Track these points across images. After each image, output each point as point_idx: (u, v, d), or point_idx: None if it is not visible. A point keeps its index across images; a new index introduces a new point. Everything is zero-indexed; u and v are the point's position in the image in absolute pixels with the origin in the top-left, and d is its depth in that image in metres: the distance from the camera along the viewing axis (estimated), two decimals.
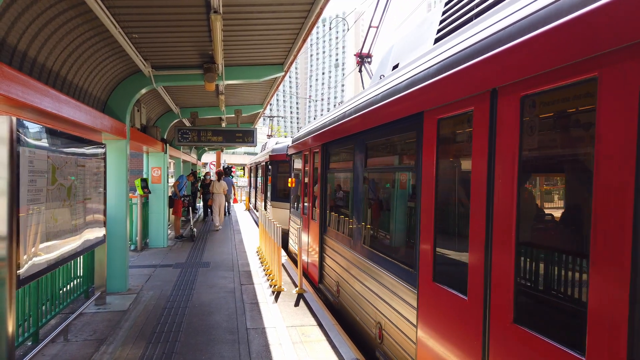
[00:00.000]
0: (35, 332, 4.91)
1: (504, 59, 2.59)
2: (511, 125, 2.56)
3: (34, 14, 4.34)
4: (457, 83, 3.07)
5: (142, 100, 9.68)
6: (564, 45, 2.14)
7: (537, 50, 2.31)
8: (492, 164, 2.72)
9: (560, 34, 2.16)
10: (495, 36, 2.72)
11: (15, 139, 3.82)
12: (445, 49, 3.43)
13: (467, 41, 3.08)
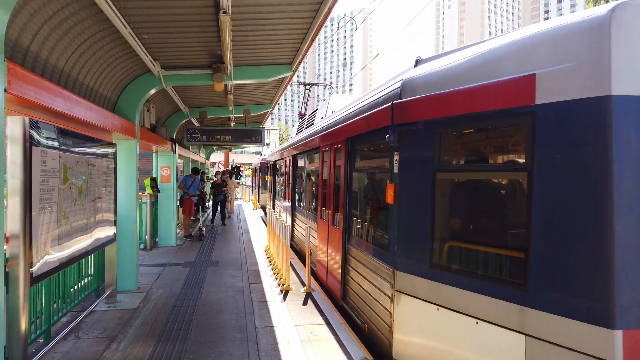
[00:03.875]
0: (47, 330, 4.97)
1: (348, 127, 5.96)
2: (349, 153, 6.19)
3: (46, 16, 4.40)
4: (337, 132, 6.53)
5: (152, 100, 9.75)
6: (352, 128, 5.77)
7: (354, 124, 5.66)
8: (348, 170, 6.21)
9: (362, 120, 5.28)
10: (346, 115, 6.35)
11: (28, 139, 3.88)
12: (336, 117, 7.11)
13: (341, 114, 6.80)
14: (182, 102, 11.04)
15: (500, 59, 3.39)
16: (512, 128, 3.41)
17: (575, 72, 2.89)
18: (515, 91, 3.17)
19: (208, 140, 13.57)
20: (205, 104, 12.11)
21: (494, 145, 3.78)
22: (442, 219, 3.91)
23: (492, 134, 3.69)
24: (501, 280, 3.33)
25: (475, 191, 3.84)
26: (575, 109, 2.87)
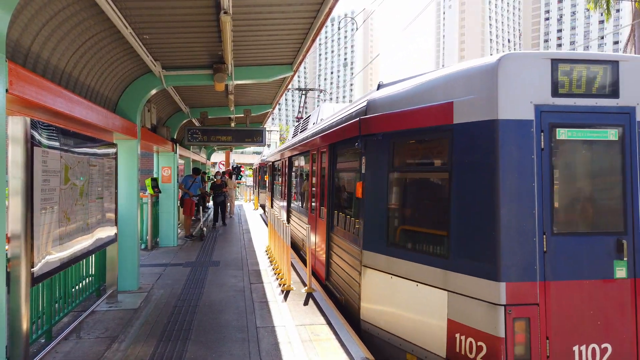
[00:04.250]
0: (49, 330, 4.98)
1: (330, 135, 6.95)
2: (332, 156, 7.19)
3: (47, 16, 4.40)
4: (324, 137, 7.45)
5: (153, 100, 9.75)
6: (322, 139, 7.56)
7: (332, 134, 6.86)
8: (334, 169, 7.07)
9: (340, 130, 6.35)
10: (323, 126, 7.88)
11: (29, 139, 3.88)
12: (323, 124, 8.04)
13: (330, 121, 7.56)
14: (183, 103, 11.04)
15: (432, 89, 4.55)
16: (439, 140, 4.50)
17: (477, 102, 4.03)
18: (441, 113, 4.31)
19: (209, 141, 13.57)
20: (206, 104, 12.12)
21: (428, 152, 4.89)
22: (395, 208, 5.10)
23: (427, 143, 4.83)
24: (432, 253, 4.48)
25: (416, 187, 5.01)
26: (477, 127, 4.02)
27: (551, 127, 3.92)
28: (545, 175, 3.88)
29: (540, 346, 3.76)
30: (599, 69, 4.01)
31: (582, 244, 3.92)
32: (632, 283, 3.89)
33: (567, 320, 3.83)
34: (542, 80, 3.95)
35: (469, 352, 3.92)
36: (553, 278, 3.83)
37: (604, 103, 3.99)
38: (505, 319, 3.73)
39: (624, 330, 3.86)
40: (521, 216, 3.84)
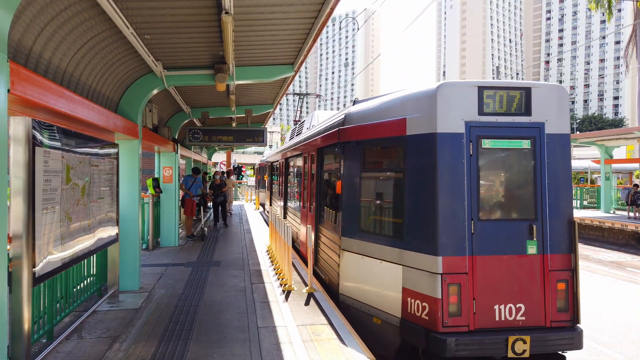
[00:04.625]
0: (50, 330, 4.99)
1: (318, 140, 7.92)
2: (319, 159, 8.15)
3: (49, 17, 4.40)
4: (313, 143, 8.33)
5: (154, 101, 9.76)
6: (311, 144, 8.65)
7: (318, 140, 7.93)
8: (321, 170, 8.06)
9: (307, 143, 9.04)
10: (307, 134, 9.56)
11: (31, 139, 3.89)
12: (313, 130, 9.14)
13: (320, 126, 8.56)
14: (184, 103, 11.05)
15: (393, 106, 5.72)
16: (397, 147, 5.60)
17: (422, 118, 5.18)
18: (398, 126, 5.44)
19: (210, 141, 13.58)
20: (207, 104, 12.12)
21: (389, 156, 6.05)
22: (365, 202, 6.21)
23: (388, 150, 5.99)
24: (391, 236, 5.60)
25: (381, 184, 6.16)
26: (422, 138, 5.16)
27: (478, 138, 5.06)
28: (473, 175, 5.01)
29: (469, 305, 4.85)
30: (516, 94, 5.18)
31: (501, 227, 5.05)
32: (540, 258, 5.01)
33: (490, 285, 4.90)
34: (471, 102, 5.08)
35: (417, 311, 5.03)
36: (479, 253, 4.93)
37: (520, 120, 5.16)
38: (441, 285, 4.83)
39: (534, 293, 4.95)
40: (454, 206, 4.95)
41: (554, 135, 5.17)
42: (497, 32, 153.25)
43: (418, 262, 5.07)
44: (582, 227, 19.28)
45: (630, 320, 7.89)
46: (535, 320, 4.90)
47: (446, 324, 4.78)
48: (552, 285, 4.98)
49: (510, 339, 4.68)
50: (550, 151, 5.14)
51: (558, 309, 4.96)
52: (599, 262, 13.42)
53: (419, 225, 5.15)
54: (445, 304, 4.79)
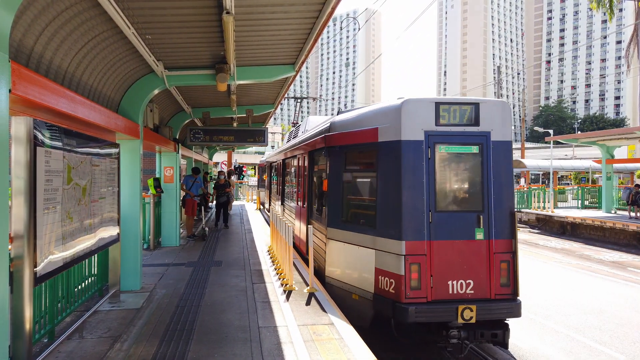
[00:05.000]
0: (51, 330, 4.99)
1: (308, 144, 8.78)
2: (310, 161, 8.96)
3: (50, 17, 4.41)
4: (305, 146, 9.14)
5: (155, 101, 9.77)
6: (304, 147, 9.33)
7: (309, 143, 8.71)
8: (312, 170, 8.89)
9: (300, 146, 9.81)
10: (301, 138, 10.43)
11: (32, 139, 3.89)
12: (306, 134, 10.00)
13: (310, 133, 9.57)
14: (185, 103, 11.06)
15: (368, 117, 6.69)
16: (371, 151, 6.52)
17: (390, 128, 6.15)
18: (372, 134, 6.39)
19: (211, 141, 13.59)
20: (208, 104, 12.13)
21: (365, 159, 6.93)
22: (346, 197, 7.14)
23: (364, 153, 6.89)
24: (366, 225, 6.53)
25: (358, 182, 7.16)
26: (390, 144, 6.12)
27: (434, 144, 6.02)
28: (430, 175, 5.97)
29: (427, 280, 5.81)
30: (466, 108, 6.13)
31: (454, 217, 6.00)
32: (486, 242, 5.96)
33: (444, 264, 5.85)
34: (429, 115, 6.05)
35: (386, 286, 6.01)
36: (435, 239, 5.88)
37: (470, 129, 6.11)
38: (405, 264, 5.78)
39: (481, 271, 5.89)
40: (415, 200, 5.90)
41: (498, 142, 6.15)
42: (498, 31, 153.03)
43: (387, 246, 6.05)
44: (583, 227, 19.27)
45: (631, 320, 7.88)
46: (481, 293, 5.86)
47: (408, 296, 5.75)
48: (496, 265, 5.93)
49: (460, 308, 5.64)
50: (494, 155, 6.11)
51: (501, 284, 5.93)
52: (600, 262, 13.40)
53: (387, 216, 6.13)
54: (408, 279, 5.78)
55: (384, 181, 6.21)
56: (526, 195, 25.33)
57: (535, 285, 10.27)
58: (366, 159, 6.86)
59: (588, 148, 42.48)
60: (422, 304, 5.70)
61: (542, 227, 21.82)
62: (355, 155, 7.08)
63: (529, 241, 17.90)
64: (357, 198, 7.10)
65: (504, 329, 5.85)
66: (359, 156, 7.05)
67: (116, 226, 6.51)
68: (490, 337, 5.85)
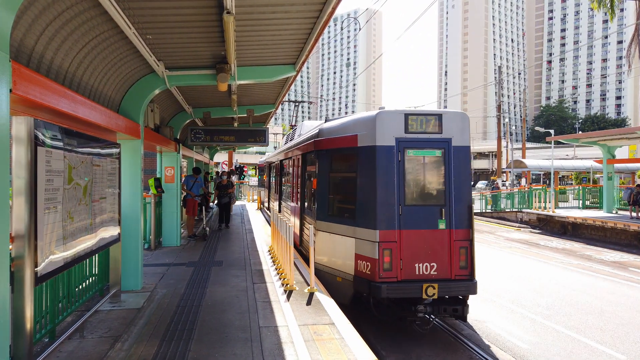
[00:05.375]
0: (52, 329, 4.99)
1: (301, 147, 9.93)
2: (303, 162, 9.85)
3: (51, 17, 4.41)
4: (298, 149, 10.28)
5: (156, 100, 9.77)
6: (298, 149, 10.41)
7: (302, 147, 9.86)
8: (305, 170, 9.71)
9: (295, 148, 10.98)
10: (295, 141, 11.46)
11: (33, 139, 3.89)
12: (300, 138, 11.07)
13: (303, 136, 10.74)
14: (185, 103, 11.06)
15: (350, 125, 7.63)
16: (352, 155, 7.46)
17: (367, 135, 7.08)
18: (352, 140, 7.35)
19: (212, 141, 13.58)
20: (209, 104, 12.13)
21: (347, 161, 7.77)
22: (332, 194, 8.04)
23: (346, 156, 7.73)
24: (348, 218, 7.42)
25: (342, 181, 8.04)
26: (367, 149, 7.05)
27: (404, 149, 6.97)
28: (400, 174, 6.92)
29: (397, 263, 6.75)
30: (431, 118, 7.08)
31: (421, 210, 6.94)
32: (448, 232, 6.88)
33: (412, 250, 6.79)
34: (399, 124, 7.00)
35: (363, 268, 6.96)
36: (404, 228, 6.81)
37: (434, 136, 7.07)
38: (379, 249, 6.72)
39: (443, 255, 6.83)
40: (388, 196, 6.86)
41: (458, 147, 7.09)
42: (499, 31, 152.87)
43: (364, 235, 6.97)
44: (584, 227, 19.25)
45: (633, 320, 7.87)
46: (443, 274, 6.80)
47: (381, 276, 6.69)
48: (455, 251, 6.85)
49: (424, 286, 6.59)
50: (455, 158, 7.04)
51: (460, 267, 6.85)
52: (601, 262, 13.39)
53: (365, 210, 7.05)
54: (381, 262, 6.71)
55: (362, 180, 7.17)
56: (527, 195, 25.32)
57: (536, 286, 10.27)
58: (348, 161, 7.72)
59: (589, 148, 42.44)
60: (392, 283, 6.66)
61: (543, 227, 21.80)
62: (339, 158, 7.98)
63: (530, 241, 17.88)
64: (341, 195, 7.99)
65: (463, 305, 6.84)
66: (342, 158, 7.92)
67: (117, 226, 6.51)
68: (452, 312, 6.82)
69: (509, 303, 8.85)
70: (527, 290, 9.81)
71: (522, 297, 9.30)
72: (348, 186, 7.66)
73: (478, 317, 7.97)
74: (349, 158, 7.63)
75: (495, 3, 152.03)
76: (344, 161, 7.90)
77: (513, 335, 7.16)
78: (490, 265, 12.60)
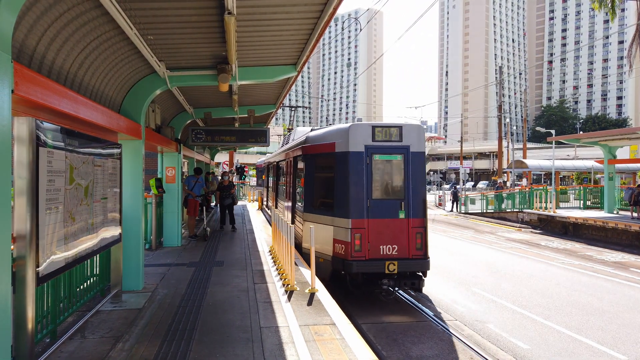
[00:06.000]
0: (54, 330, 5.00)
1: (292, 151, 11.65)
2: (294, 164, 11.30)
3: (53, 18, 4.42)
4: (291, 152, 11.83)
5: (157, 101, 9.78)
6: (290, 153, 12.15)
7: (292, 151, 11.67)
8: (296, 171, 11.16)
9: (288, 152, 12.61)
10: (288, 146, 13.26)
11: (34, 139, 3.90)
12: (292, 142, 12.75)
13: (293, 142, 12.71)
14: (187, 103, 11.07)
15: (330, 134, 9.08)
16: (331, 158, 8.85)
17: (342, 143, 8.61)
18: (331, 146, 8.81)
19: (213, 141, 13.59)
20: (210, 104, 12.14)
21: (327, 164, 9.12)
22: (316, 191, 9.57)
23: (327, 160, 9.10)
24: (328, 210, 8.86)
25: (323, 180, 9.36)
26: (342, 154, 8.56)
27: (371, 154, 8.50)
28: (368, 175, 8.45)
29: (365, 245, 8.24)
30: (394, 129, 8.61)
31: (385, 203, 8.46)
32: (406, 220, 8.39)
33: (377, 235, 8.29)
34: (368, 134, 8.53)
35: (339, 250, 8.45)
36: (371, 217, 8.32)
37: (395, 144, 8.60)
38: (351, 234, 8.24)
39: (402, 239, 8.34)
40: (358, 192, 8.38)
41: (415, 152, 8.62)
42: (500, 31, 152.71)
43: (340, 223, 8.48)
44: (585, 228, 19.23)
45: (634, 321, 7.87)
46: (403, 254, 8.30)
47: (353, 256, 8.19)
48: (412, 235, 8.36)
49: (387, 263, 8.11)
50: (413, 161, 8.57)
51: (416, 248, 8.35)
52: (602, 263, 13.38)
53: (340, 203, 8.57)
54: (353, 245, 8.21)
55: (338, 179, 8.66)
56: (528, 195, 25.30)
57: (536, 286, 10.26)
58: (328, 163, 9.13)
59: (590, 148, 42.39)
60: (362, 261, 8.20)
61: (544, 228, 21.79)
62: (321, 161, 9.46)
63: (531, 241, 17.87)
64: (322, 191, 9.43)
65: (419, 279, 8.44)
66: (323, 162, 9.38)
67: (118, 226, 6.52)
68: (410, 285, 8.44)
69: (510, 304, 8.85)
70: (526, 291, 9.81)
71: (522, 297, 9.30)
72: (328, 184, 9.08)
73: (479, 318, 7.97)
74: (328, 161, 9.07)
75: (496, 3, 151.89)
76: (324, 164, 9.34)
77: (517, 337, 7.15)
78: (490, 266, 12.60)
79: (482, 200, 28.92)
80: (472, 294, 9.59)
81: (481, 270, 11.97)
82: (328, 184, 9.08)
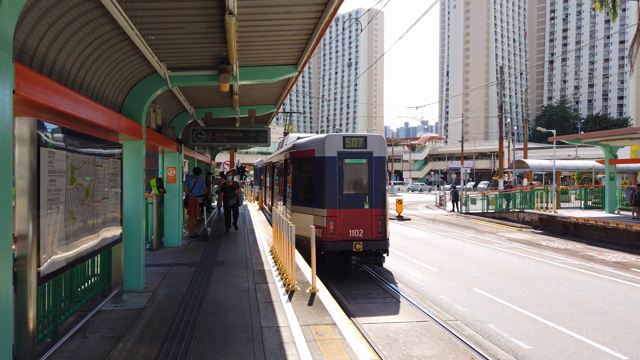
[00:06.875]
0: (55, 329, 5.00)
1: (284, 155, 13.74)
2: (287, 166, 13.20)
3: (54, 18, 4.43)
4: (283, 155, 14.24)
5: (158, 101, 9.79)
6: (282, 156, 14.49)
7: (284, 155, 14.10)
8: (286, 171, 13.26)
9: (280, 155, 15.30)
10: (282, 149, 15.68)
11: (36, 139, 3.91)
12: (284, 147, 15.22)
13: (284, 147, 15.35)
14: (187, 103, 11.08)
15: (311, 142, 11.31)
16: (312, 162, 11.07)
17: (320, 149, 10.85)
18: (311, 152, 11.08)
19: (213, 141, 13.60)
20: (210, 104, 12.15)
21: (309, 166, 11.17)
22: (301, 187, 11.55)
23: (309, 163, 11.19)
24: (309, 202, 11.11)
25: (306, 179, 11.37)
26: (320, 158, 10.80)
27: (342, 158, 10.57)
28: (340, 174, 10.50)
29: (338, 229, 10.30)
30: (360, 139, 10.75)
31: (353, 197, 10.54)
32: (370, 210, 10.46)
33: (347, 221, 10.34)
34: (339, 143, 10.64)
35: (318, 233, 10.07)
36: (343, 208, 10.39)
37: (361, 150, 10.69)
38: (326, 221, 10.28)
39: (367, 224, 10.42)
40: (332, 187, 10.40)
41: (377, 157, 10.72)
42: (501, 31, 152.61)
43: (318, 212, 10.53)
44: (586, 228, 19.22)
45: (635, 321, 7.86)
46: (367, 236, 10.38)
47: (328, 238, 10.25)
48: (374, 222, 10.46)
49: (354, 243, 10.24)
50: (375, 164, 10.66)
51: (377, 232, 10.45)
52: (603, 263, 13.37)
53: (319, 197, 10.63)
54: (328, 229, 10.26)
55: (317, 178, 10.71)
56: (529, 195, 25.28)
57: (537, 286, 10.26)
58: (310, 165, 11.11)
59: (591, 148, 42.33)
60: (335, 241, 10.26)
61: (545, 228, 21.77)
62: (305, 164, 11.39)
63: (532, 241, 17.86)
64: (305, 187, 11.32)
65: (380, 257, 10.69)
66: (306, 164, 11.30)
67: (119, 226, 6.53)
68: (373, 261, 10.61)
69: (511, 304, 8.84)
70: (527, 291, 9.80)
71: (523, 297, 9.29)
72: (309, 182, 11.15)
73: (479, 318, 7.97)
74: (310, 164, 11.09)
75: (497, 3, 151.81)
76: (307, 166, 11.27)
77: (517, 337, 7.15)
78: (491, 266, 12.60)
79: (483, 200, 28.89)
80: (473, 294, 9.59)
81: (482, 270, 11.96)
82: (309, 182, 11.15)
